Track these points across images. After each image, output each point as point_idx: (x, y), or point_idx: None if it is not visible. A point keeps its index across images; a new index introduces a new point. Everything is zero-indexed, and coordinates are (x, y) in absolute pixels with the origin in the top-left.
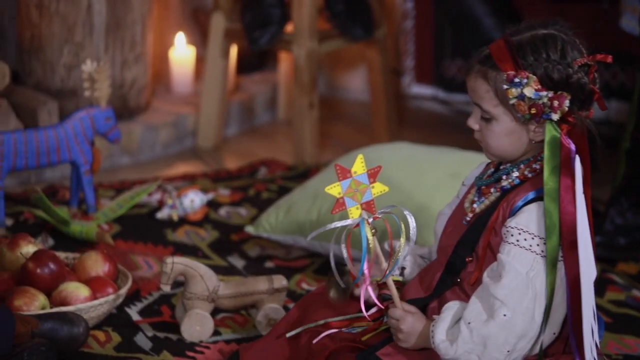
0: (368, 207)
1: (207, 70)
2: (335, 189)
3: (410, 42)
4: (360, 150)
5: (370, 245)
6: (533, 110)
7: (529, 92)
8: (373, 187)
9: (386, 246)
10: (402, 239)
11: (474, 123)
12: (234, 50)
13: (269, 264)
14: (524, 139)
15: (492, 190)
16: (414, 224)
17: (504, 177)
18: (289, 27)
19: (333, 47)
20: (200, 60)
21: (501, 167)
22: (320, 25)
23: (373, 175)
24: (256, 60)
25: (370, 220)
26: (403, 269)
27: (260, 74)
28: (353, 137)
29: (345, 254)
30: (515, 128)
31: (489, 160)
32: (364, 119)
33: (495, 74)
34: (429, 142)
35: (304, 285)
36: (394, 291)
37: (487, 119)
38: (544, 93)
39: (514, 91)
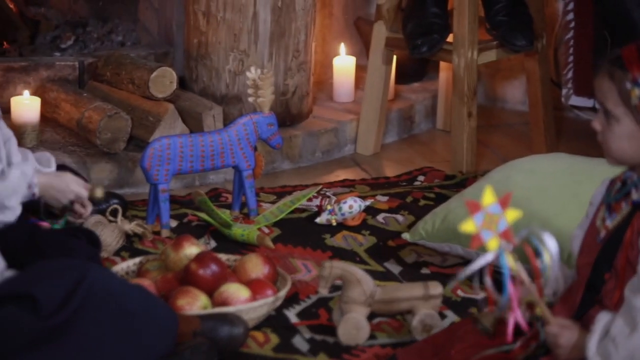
0: (505, 236)
1: (368, 79)
2: (469, 225)
3: (569, 53)
4: (517, 161)
5: (514, 274)
6: None
7: None
8: (506, 214)
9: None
10: (547, 258)
11: (597, 124)
12: (394, 60)
13: (425, 271)
14: None
15: (622, 205)
16: (555, 245)
17: (633, 190)
18: (450, 37)
19: (493, 57)
20: (361, 69)
21: (628, 181)
22: (480, 36)
23: (504, 203)
24: (416, 69)
25: (510, 248)
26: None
27: (420, 84)
28: (511, 147)
29: (489, 285)
30: (637, 131)
31: (612, 178)
32: (522, 129)
33: (622, 74)
34: (587, 154)
35: (460, 292)
36: (545, 309)
37: (608, 119)
38: None
39: (638, 92)
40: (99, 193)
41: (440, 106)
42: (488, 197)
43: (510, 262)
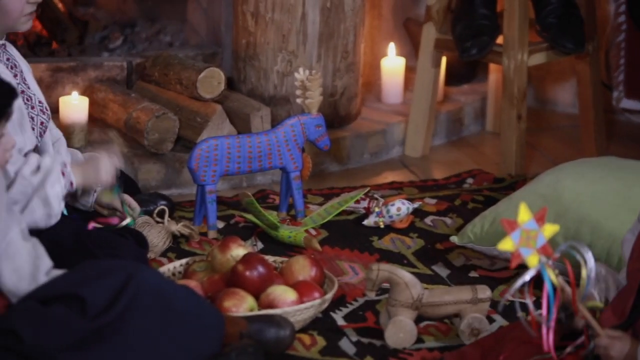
0: (544, 250)
1: (417, 81)
2: (507, 244)
3: (621, 55)
4: (567, 164)
5: (557, 287)
6: None
7: None
8: (544, 230)
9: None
10: (584, 273)
11: None
12: (443, 61)
13: (473, 274)
14: None
15: None
16: (592, 260)
17: None
18: (500, 39)
19: (543, 59)
20: (410, 70)
21: None
22: (530, 38)
23: (540, 218)
24: (465, 71)
25: (550, 262)
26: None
27: (470, 85)
28: (560, 150)
29: (529, 303)
30: None
31: None
32: (572, 132)
33: None
34: (638, 157)
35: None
36: (592, 321)
37: None
38: None
39: None
40: (107, 198)
41: (490, 108)
42: (523, 214)
43: (551, 276)
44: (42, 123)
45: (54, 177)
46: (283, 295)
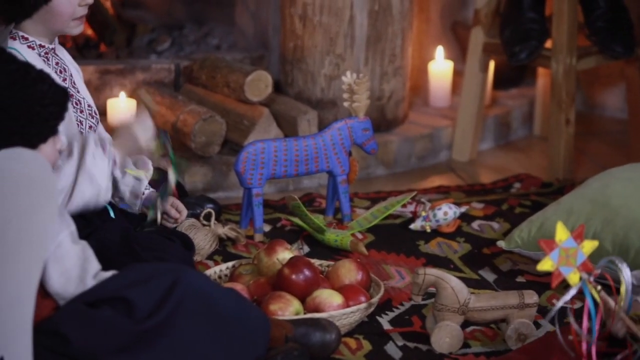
0: (585, 267)
1: (465, 84)
2: (546, 264)
3: None
4: (616, 169)
5: (599, 302)
6: None
7: None
8: (582, 247)
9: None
10: (622, 289)
11: None
12: (491, 65)
13: (520, 279)
14: None
15: None
16: (629, 275)
17: None
18: (548, 43)
19: (592, 63)
20: (457, 74)
21: None
22: (579, 42)
23: (578, 236)
24: (513, 75)
25: (591, 279)
26: None
27: (517, 89)
28: (609, 155)
29: (573, 323)
30: None
31: None
32: (621, 137)
33: None
34: None
35: (555, 302)
36: (634, 327)
37: None
38: None
39: None
40: (151, 214)
41: (538, 112)
42: (561, 233)
43: (593, 293)
44: (90, 127)
45: (91, 152)
46: (329, 299)
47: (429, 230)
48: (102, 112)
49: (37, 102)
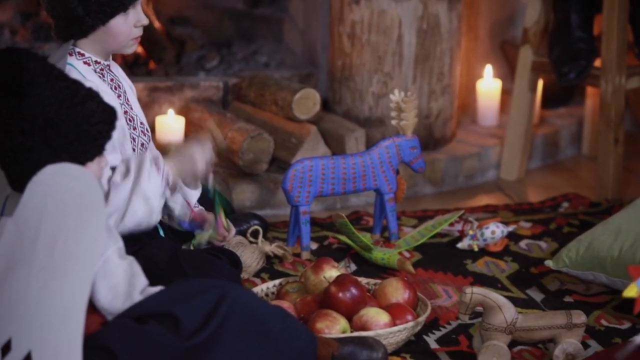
0: None
1: (514, 103)
2: (632, 290)
3: None
4: None
5: None
6: None
7: None
8: None
9: None
10: None
11: None
12: (540, 84)
13: (568, 299)
14: None
15: None
16: None
17: None
18: (597, 62)
19: None
20: (506, 93)
21: None
22: (628, 61)
23: None
24: (562, 94)
25: None
26: None
27: (566, 108)
28: None
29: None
30: None
31: None
32: None
33: None
34: None
35: (603, 322)
36: None
37: None
38: None
39: None
40: (202, 240)
41: (587, 132)
42: None
43: None
44: (142, 144)
45: (147, 171)
46: (376, 317)
47: (476, 249)
48: (151, 129)
49: (85, 120)
